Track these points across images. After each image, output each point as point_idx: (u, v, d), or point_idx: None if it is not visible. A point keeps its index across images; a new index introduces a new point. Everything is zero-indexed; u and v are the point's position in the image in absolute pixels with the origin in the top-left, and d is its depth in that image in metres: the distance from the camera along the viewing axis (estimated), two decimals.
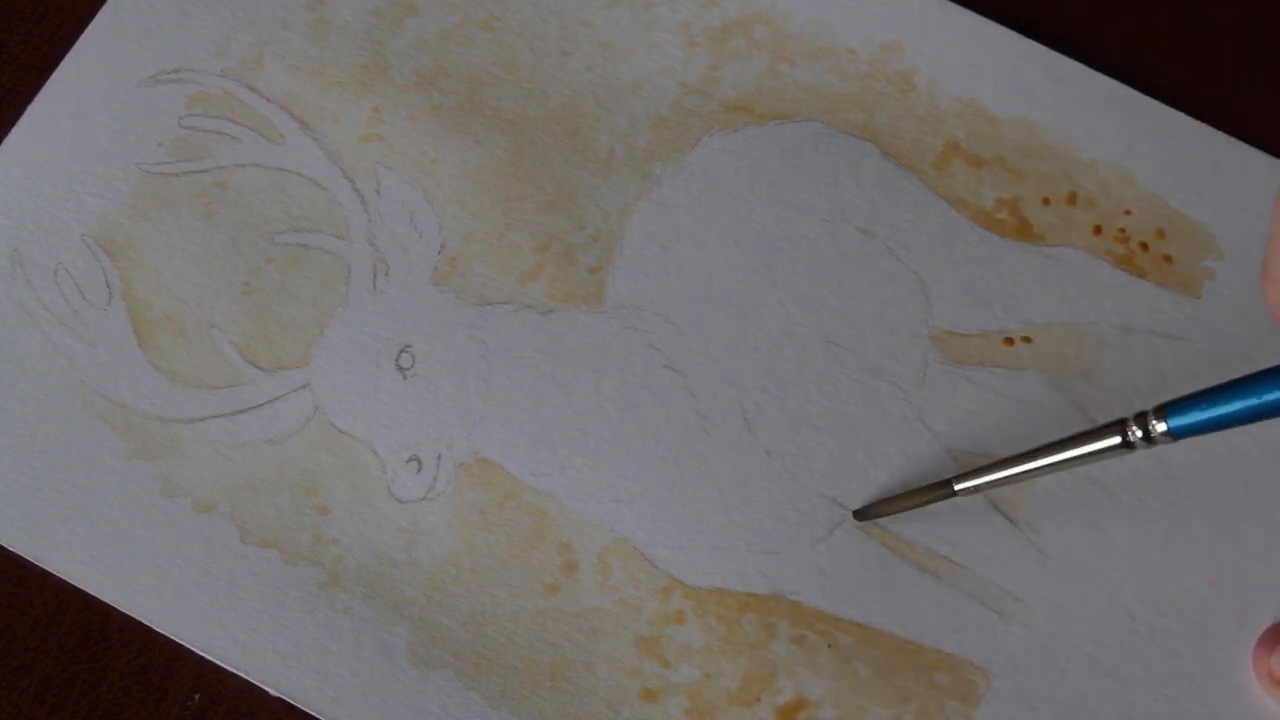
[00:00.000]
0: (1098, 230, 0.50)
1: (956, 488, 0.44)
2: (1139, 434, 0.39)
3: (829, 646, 0.46)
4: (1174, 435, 0.39)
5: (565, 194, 0.50)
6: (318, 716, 0.45)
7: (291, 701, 0.45)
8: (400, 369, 0.48)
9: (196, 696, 0.46)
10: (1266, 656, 0.45)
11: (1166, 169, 0.50)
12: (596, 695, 0.45)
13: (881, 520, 0.47)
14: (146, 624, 0.46)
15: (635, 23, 0.52)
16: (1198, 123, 0.51)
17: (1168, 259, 0.50)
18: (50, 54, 0.52)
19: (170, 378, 0.48)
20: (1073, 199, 0.50)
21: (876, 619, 0.46)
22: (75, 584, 0.46)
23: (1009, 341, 0.49)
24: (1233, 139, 0.51)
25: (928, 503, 0.45)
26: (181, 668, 0.46)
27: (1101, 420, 0.47)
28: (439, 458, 0.47)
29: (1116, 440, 0.40)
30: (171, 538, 0.47)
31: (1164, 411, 0.39)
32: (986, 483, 0.44)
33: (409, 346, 0.48)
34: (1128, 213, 0.50)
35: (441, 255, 0.50)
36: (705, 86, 0.51)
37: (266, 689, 0.45)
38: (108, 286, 0.49)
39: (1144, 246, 0.50)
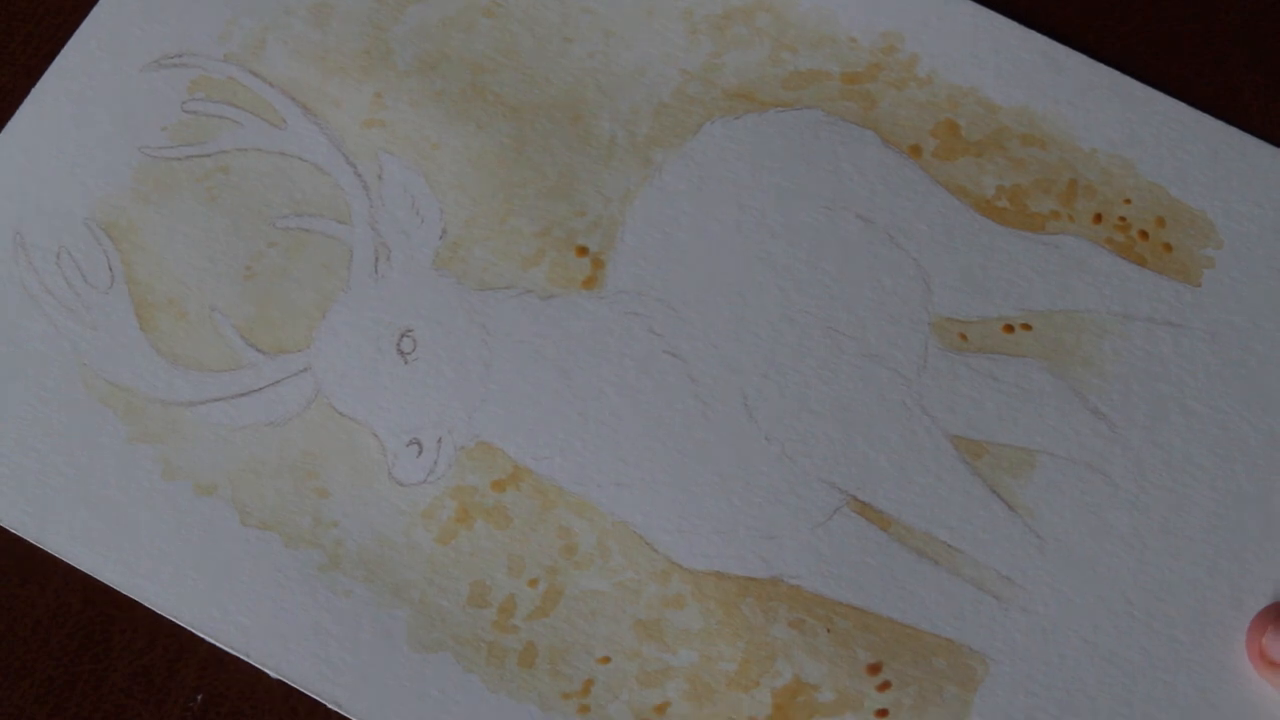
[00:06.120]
0: (1098, 218, 0.50)
1: None
2: None
3: (827, 630, 0.46)
4: None
5: (567, 180, 0.50)
6: (320, 702, 0.45)
7: (291, 684, 0.45)
8: (401, 353, 0.48)
9: (199, 697, 0.46)
10: (1259, 637, 0.45)
11: (1167, 158, 0.50)
12: (596, 679, 0.45)
13: (881, 505, 0.47)
14: (147, 606, 0.46)
15: (637, 9, 0.52)
16: (1198, 112, 0.51)
17: (1168, 247, 0.50)
18: (50, 54, 0.52)
19: (172, 361, 0.48)
20: (1073, 187, 0.50)
21: (875, 604, 0.46)
22: (76, 565, 0.46)
23: (1009, 329, 0.49)
24: (1233, 128, 0.51)
25: None
26: (183, 668, 0.46)
27: (1102, 408, 0.48)
28: (439, 441, 0.47)
29: None
30: (172, 520, 0.47)
31: None
32: None
33: (410, 331, 0.48)
34: (1128, 201, 0.50)
35: (443, 240, 0.50)
36: (707, 73, 0.51)
37: (266, 671, 0.45)
38: (110, 270, 0.49)
39: (1144, 235, 0.50)
